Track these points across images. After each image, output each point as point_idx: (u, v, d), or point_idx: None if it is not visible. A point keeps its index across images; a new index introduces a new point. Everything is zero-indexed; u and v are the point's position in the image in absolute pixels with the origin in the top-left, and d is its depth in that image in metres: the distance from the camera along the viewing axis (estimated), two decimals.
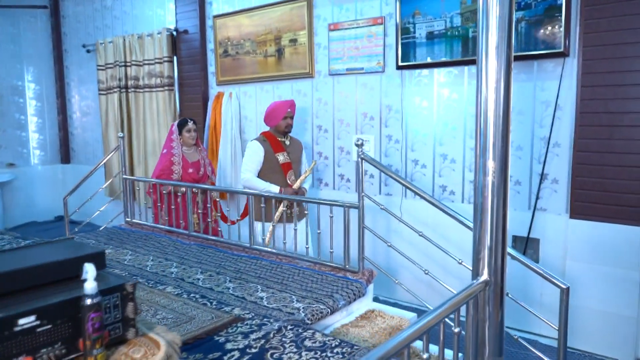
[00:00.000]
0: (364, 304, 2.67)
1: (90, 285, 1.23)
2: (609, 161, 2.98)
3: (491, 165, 1.44)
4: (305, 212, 3.31)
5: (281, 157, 3.57)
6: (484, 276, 1.45)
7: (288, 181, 3.57)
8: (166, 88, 5.38)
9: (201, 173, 4.11)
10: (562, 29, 3.05)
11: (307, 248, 3.22)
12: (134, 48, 5.63)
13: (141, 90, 5.63)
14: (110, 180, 5.25)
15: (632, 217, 2.94)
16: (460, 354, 1.50)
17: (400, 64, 3.77)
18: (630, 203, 2.93)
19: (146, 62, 5.51)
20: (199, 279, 2.69)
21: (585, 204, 3.10)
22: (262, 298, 2.43)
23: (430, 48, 3.63)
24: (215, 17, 4.98)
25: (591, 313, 3.07)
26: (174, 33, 5.30)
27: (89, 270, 1.23)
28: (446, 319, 1.35)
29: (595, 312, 3.07)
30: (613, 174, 2.98)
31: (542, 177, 3.30)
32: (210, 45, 5.13)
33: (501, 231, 1.48)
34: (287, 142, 3.67)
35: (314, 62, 4.35)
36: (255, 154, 3.54)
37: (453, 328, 1.41)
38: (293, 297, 2.44)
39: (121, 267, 2.95)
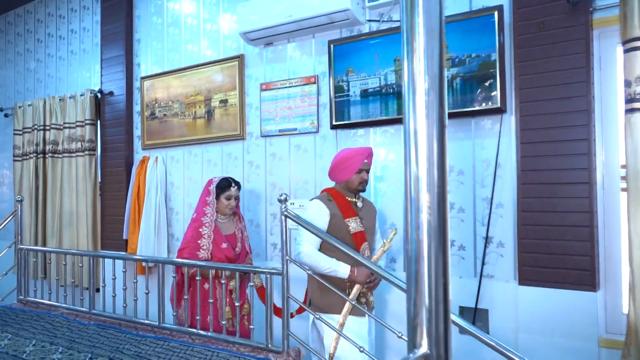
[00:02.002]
0: None
1: None
2: (553, 221, 2.78)
3: (426, 206, 1.14)
4: (371, 300, 2.63)
5: (353, 225, 2.65)
6: (423, 348, 1.10)
7: None
8: (87, 152, 4.94)
9: (238, 250, 3.19)
10: (497, 84, 2.95)
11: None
12: (54, 111, 5.22)
13: (59, 156, 5.16)
14: (4, 251, 4.60)
15: (582, 281, 2.70)
16: None
17: (334, 123, 3.56)
18: (578, 266, 2.71)
19: (67, 125, 5.10)
20: None
21: (533, 268, 2.85)
22: None
23: (365, 106, 3.45)
24: (143, 78, 4.71)
25: None
26: (99, 95, 4.96)
27: None
28: None
29: None
30: (558, 234, 2.76)
31: (487, 240, 3.05)
32: (136, 108, 4.81)
33: (442, 291, 1.15)
34: (360, 204, 2.81)
35: (245, 123, 4.09)
36: (318, 218, 2.63)
37: None
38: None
39: None
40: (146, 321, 2.87)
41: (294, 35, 3.75)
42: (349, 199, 2.76)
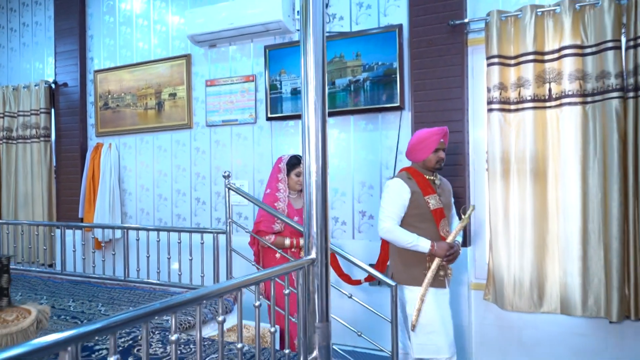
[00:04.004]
0: (231, 320, 2.92)
1: None
2: None
3: (314, 172, 1.87)
4: (449, 272, 2.78)
5: (432, 201, 2.75)
6: (312, 255, 1.83)
7: (441, 233, 2.77)
8: (42, 139, 5.36)
9: None
10: (398, 87, 3.73)
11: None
12: (8, 99, 5.58)
13: (14, 142, 5.54)
14: None
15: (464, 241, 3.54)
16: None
17: (269, 115, 4.24)
18: None
19: (21, 113, 5.48)
20: (70, 306, 2.78)
21: None
22: None
23: (295, 102, 4.15)
24: (97, 71, 5.18)
25: None
26: (53, 86, 5.38)
27: None
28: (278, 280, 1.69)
29: None
30: None
31: None
32: (90, 98, 5.28)
33: (323, 223, 1.89)
34: (438, 182, 2.90)
35: (192, 114, 4.69)
36: (398, 195, 2.76)
37: (284, 290, 1.75)
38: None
39: None
40: (114, 276, 3.48)
41: (235, 40, 4.39)
42: (427, 177, 2.85)
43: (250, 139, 4.43)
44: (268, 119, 4.26)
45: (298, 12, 4.08)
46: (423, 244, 2.65)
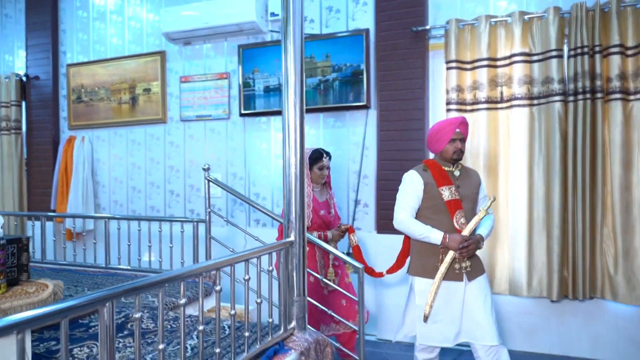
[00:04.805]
0: (210, 302, 3.14)
1: None
2: None
3: (293, 164, 2.11)
4: (467, 265, 2.65)
5: (446, 193, 2.68)
6: (291, 237, 2.08)
7: (456, 225, 2.67)
8: (12, 132, 5.40)
9: (332, 215, 3.37)
10: (364, 87, 4.00)
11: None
12: None
13: None
14: None
15: None
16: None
17: (242, 112, 4.45)
18: None
19: None
20: None
21: (387, 221, 3.96)
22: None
23: (267, 99, 4.38)
24: (69, 65, 5.26)
25: (392, 306, 3.87)
26: (24, 79, 5.42)
27: None
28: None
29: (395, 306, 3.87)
30: None
31: (357, 202, 4.13)
32: (62, 92, 5.35)
33: (301, 208, 2.14)
34: (457, 173, 2.79)
35: (167, 109, 4.85)
36: (412, 187, 2.75)
37: (268, 267, 1.99)
38: (148, 295, 2.83)
39: None
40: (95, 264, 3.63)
41: (209, 38, 4.56)
42: (446, 168, 2.78)
43: (223, 134, 4.63)
44: (241, 115, 4.47)
45: (271, 13, 4.30)
46: (435, 236, 2.61)
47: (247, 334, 1.80)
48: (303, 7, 2.18)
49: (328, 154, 3.30)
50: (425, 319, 2.61)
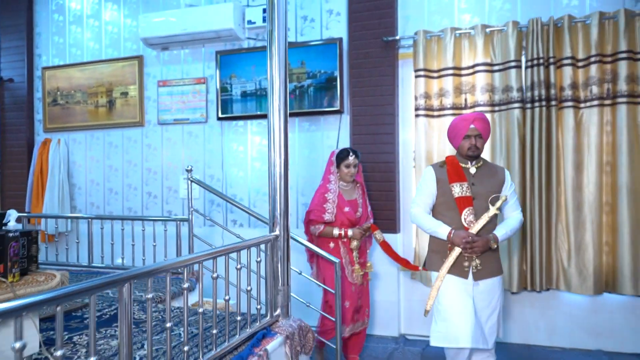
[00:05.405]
0: (193, 297, 3.28)
1: (13, 224, 1.70)
2: (372, 187, 4.11)
3: (278, 164, 2.30)
4: (476, 264, 2.62)
5: (457, 189, 2.67)
6: (276, 231, 2.27)
7: (463, 222, 2.65)
8: None
9: (359, 214, 3.42)
10: (338, 93, 4.22)
11: None
12: None
13: None
14: None
15: (389, 227, 4.05)
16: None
17: (220, 115, 4.60)
18: (387, 217, 4.06)
19: None
20: None
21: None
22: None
23: (244, 104, 4.54)
24: (45, 68, 5.29)
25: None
26: None
27: (12, 214, 1.71)
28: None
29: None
30: (375, 197, 4.10)
31: None
32: (37, 94, 5.38)
33: (284, 203, 2.32)
34: (473, 170, 2.76)
35: (144, 112, 4.95)
36: (425, 183, 2.81)
37: (257, 258, 2.17)
38: (135, 291, 2.96)
39: None
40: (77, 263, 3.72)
41: (187, 44, 4.70)
42: (463, 164, 2.76)
43: (201, 137, 4.77)
44: (219, 118, 4.62)
45: (248, 21, 4.47)
46: (442, 231, 2.64)
47: (238, 318, 1.98)
48: (287, 20, 2.37)
49: (355, 152, 3.39)
50: (426, 313, 2.64)
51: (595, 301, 3.70)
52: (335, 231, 3.25)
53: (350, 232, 3.28)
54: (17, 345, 1.05)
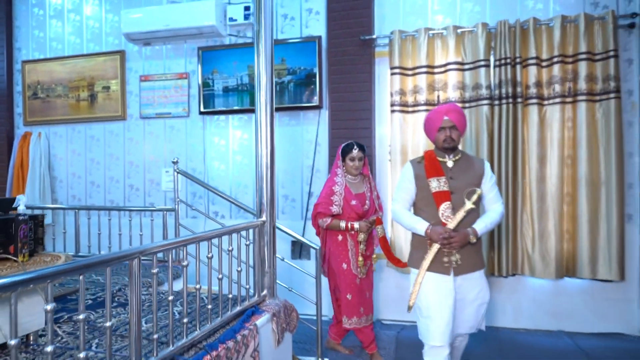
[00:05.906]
0: (180, 284, 3.42)
1: (22, 208, 1.83)
2: None
3: (264, 155, 2.46)
4: (455, 259, 2.56)
5: (434, 184, 2.61)
6: (263, 217, 2.43)
7: (441, 217, 2.58)
8: None
9: (366, 207, 3.44)
10: (317, 89, 4.39)
11: None
12: None
13: None
14: None
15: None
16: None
17: (202, 110, 4.72)
18: None
19: None
20: None
21: None
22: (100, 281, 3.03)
23: (226, 99, 4.67)
24: (24, 62, 5.32)
25: None
26: None
27: (21, 199, 1.83)
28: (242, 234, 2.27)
29: None
30: None
31: (309, 194, 4.51)
32: (17, 88, 5.40)
33: (270, 193, 2.49)
34: (450, 164, 2.68)
35: (126, 106, 5.04)
36: (403, 179, 2.76)
37: (246, 242, 2.33)
38: (126, 277, 3.10)
39: None
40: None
41: (169, 40, 4.80)
42: (440, 158, 2.70)
43: (183, 131, 4.88)
44: (201, 113, 4.74)
45: (230, 18, 4.60)
46: (419, 227, 2.59)
47: (230, 295, 2.14)
48: (273, 21, 2.53)
49: (361, 146, 3.43)
50: (409, 309, 2.62)
51: (557, 285, 3.97)
52: (342, 224, 3.31)
53: (356, 225, 3.32)
54: (49, 307, 1.20)
